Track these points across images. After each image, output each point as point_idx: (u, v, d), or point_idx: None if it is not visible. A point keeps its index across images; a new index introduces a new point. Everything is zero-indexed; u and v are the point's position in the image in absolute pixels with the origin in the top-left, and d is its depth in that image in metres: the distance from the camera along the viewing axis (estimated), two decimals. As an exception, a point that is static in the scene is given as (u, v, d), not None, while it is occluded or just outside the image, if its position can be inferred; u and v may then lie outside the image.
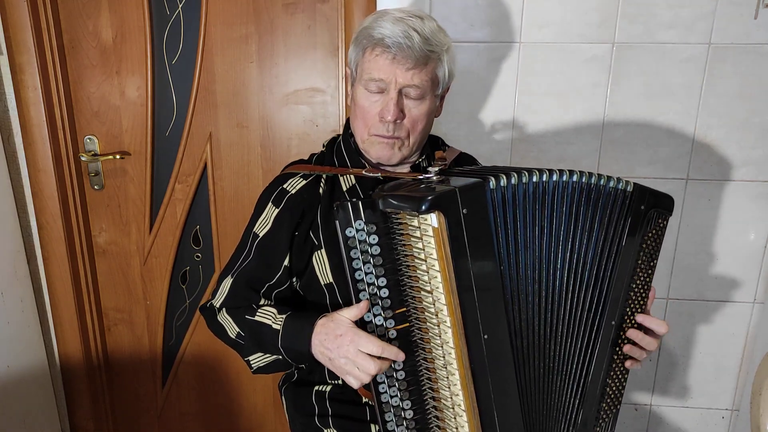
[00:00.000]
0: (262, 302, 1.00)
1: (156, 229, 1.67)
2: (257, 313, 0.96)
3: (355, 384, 0.83)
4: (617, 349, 0.94)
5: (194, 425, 1.85)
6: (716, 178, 1.43)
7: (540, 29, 1.36)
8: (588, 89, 1.39)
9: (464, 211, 0.76)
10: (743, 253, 1.48)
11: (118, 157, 1.61)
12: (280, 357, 0.95)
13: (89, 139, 1.61)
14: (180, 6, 1.51)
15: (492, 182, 0.79)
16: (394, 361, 0.81)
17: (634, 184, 0.89)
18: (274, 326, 0.92)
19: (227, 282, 1.02)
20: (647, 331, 0.95)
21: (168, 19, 1.52)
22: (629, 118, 1.41)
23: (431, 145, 1.09)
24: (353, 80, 0.98)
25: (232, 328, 0.99)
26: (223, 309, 1.01)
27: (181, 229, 1.67)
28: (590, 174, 0.86)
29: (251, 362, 1.01)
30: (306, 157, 1.10)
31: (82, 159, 1.60)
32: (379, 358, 0.80)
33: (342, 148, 1.04)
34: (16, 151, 1.56)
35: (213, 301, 1.04)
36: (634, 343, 0.95)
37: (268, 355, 0.98)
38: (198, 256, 1.70)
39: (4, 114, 1.54)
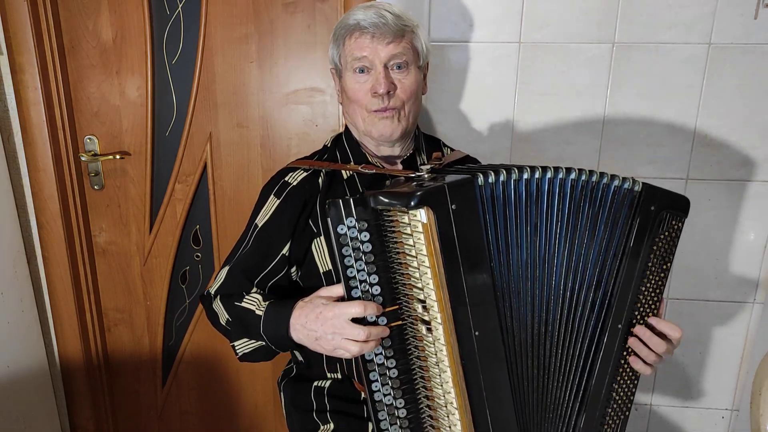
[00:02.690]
0: (253, 290, 1.02)
1: (156, 229, 1.67)
2: (244, 299, 0.98)
3: (348, 355, 0.82)
4: (625, 353, 0.92)
5: (194, 424, 1.85)
6: (716, 178, 1.43)
7: (540, 29, 1.36)
8: (588, 89, 1.39)
9: (453, 206, 0.77)
10: (743, 253, 1.48)
11: (118, 157, 1.61)
12: (264, 343, 0.95)
13: (89, 139, 1.61)
14: (180, 6, 1.51)
15: (480, 178, 0.79)
16: (386, 357, 0.81)
17: (644, 183, 0.88)
18: (257, 312, 0.94)
19: (224, 270, 1.04)
20: (659, 334, 0.92)
21: (168, 19, 1.52)
22: (629, 118, 1.41)
23: (429, 144, 1.11)
24: (339, 74, 1.03)
25: (222, 315, 1.01)
26: (218, 297, 1.03)
27: (181, 229, 1.67)
28: (591, 172, 0.85)
29: (236, 348, 1.01)
30: (307, 155, 1.13)
31: (82, 159, 1.60)
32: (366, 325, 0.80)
33: (344, 140, 1.09)
34: (16, 151, 1.56)
35: (209, 288, 1.07)
36: (642, 341, 0.92)
37: (253, 342, 0.98)
38: (198, 256, 1.70)
39: (4, 114, 1.53)
